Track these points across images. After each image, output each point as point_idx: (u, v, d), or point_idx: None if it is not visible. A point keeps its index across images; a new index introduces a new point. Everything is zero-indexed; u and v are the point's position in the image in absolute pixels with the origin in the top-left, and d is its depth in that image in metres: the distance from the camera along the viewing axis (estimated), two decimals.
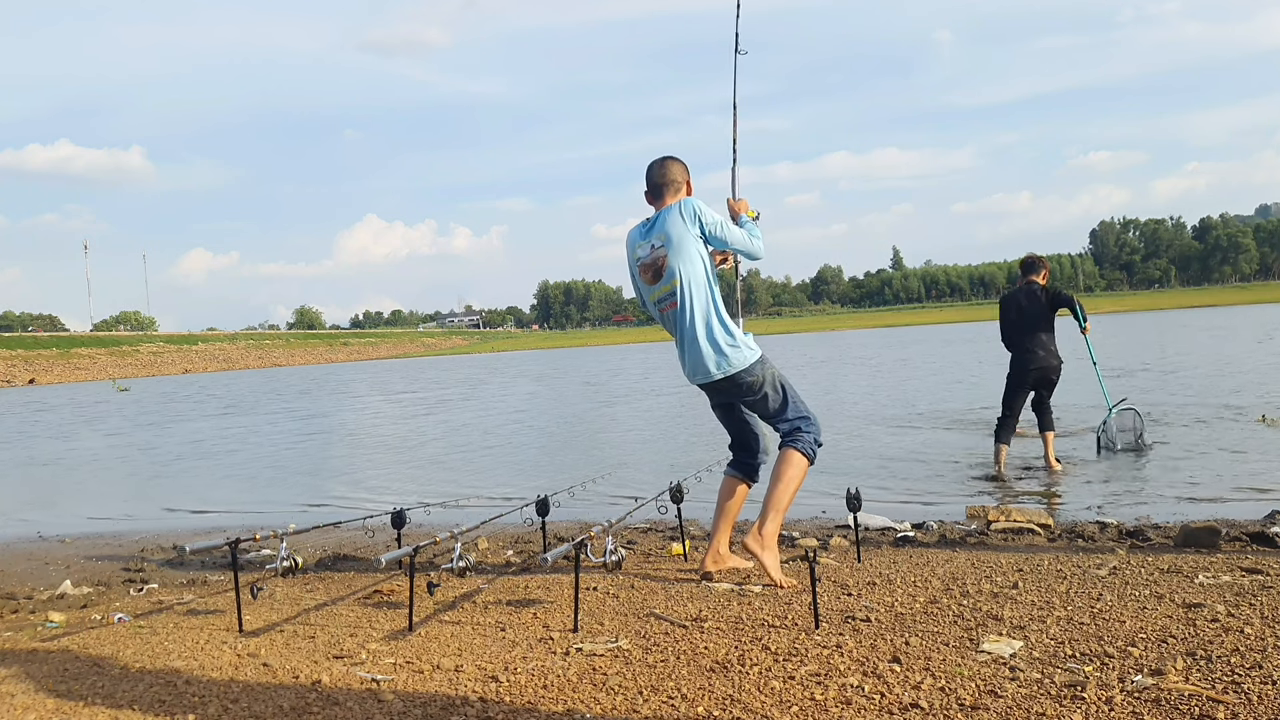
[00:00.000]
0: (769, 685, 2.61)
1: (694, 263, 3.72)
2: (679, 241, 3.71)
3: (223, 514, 7.59)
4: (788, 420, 3.78)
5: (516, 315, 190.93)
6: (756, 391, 3.76)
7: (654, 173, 3.88)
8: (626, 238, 3.98)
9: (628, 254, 3.95)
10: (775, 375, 3.80)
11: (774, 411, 3.79)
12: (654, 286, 3.82)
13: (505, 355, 70.38)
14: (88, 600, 4.48)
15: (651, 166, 3.90)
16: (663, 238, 3.75)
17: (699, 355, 3.74)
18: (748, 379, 3.73)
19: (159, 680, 2.96)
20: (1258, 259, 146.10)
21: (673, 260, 3.72)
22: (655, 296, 3.84)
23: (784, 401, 3.79)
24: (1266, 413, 9.25)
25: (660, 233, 3.76)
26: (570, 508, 5.90)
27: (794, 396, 3.82)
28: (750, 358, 3.73)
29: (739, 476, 3.97)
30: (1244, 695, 2.34)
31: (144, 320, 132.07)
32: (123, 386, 43.72)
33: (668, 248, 3.73)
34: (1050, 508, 5.85)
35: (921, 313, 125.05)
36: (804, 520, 5.70)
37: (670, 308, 3.79)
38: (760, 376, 3.74)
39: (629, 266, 3.97)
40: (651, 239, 3.80)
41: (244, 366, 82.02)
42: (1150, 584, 3.48)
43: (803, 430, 3.78)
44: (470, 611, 3.65)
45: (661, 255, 3.75)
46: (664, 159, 3.90)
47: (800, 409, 3.81)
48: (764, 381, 3.75)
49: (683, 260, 3.72)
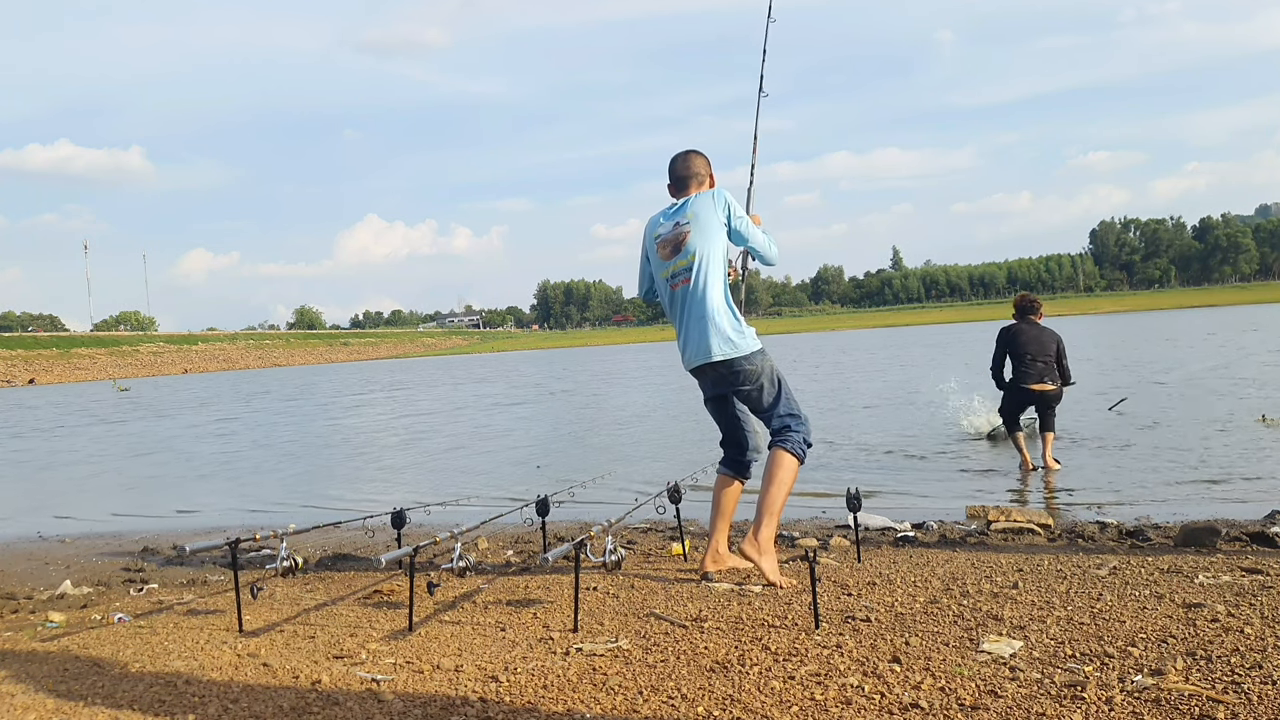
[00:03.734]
0: (769, 685, 2.60)
1: (715, 244, 3.79)
2: (705, 222, 3.79)
3: (223, 514, 7.59)
4: (779, 416, 3.80)
5: (516, 315, 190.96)
6: (754, 381, 3.78)
7: (677, 165, 3.96)
8: (647, 222, 4.04)
9: (645, 236, 4.01)
10: (773, 369, 3.83)
11: (767, 405, 3.82)
12: (669, 262, 3.86)
13: (505, 355, 70.37)
14: (88, 600, 4.48)
15: (675, 159, 3.98)
16: (690, 216, 3.82)
17: (703, 335, 3.77)
18: (747, 367, 3.76)
19: (159, 680, 2.96)
20: (1258, 259, 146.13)
21: (695, 237, 3.78)
22: (669, 272, 3.87)
23: (778, 396, 3.81)
24: (1266, 412, 9.25)
25: (689, 212, 3.83)
26: (570, 508, 5.90)
27: (788, 393, 3.85)
28: (753, 346, 3.78)
29: (731, 474, 3.99)
30: (1244, 695, 2.34)
31: (144, 320, 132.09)
32: (123, 386, 43.73)
33: (693, 225, 3.80)
34: (1050, 508, 5.85)
35: (921, 313, 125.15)
36: (804, 520, 5.70)
37: (683, 283, 3.82)
38: (759, 367, 3.78)
39: (644, 247, 4.01)
40: (678, 218, 3.86)
41: (244, 366, 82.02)
42: (1150, 584, 3.48)
43: (792, 429, 3.79)
44: (470, 611, 3.65)
45: (685, 231, 3.81)
46: (687, 152, 3.99)
47: (792, 407, 3.83)
48: (762, 373, 3.78)
49: (705, 239, 3.78)
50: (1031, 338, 7.28)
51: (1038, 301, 7.56)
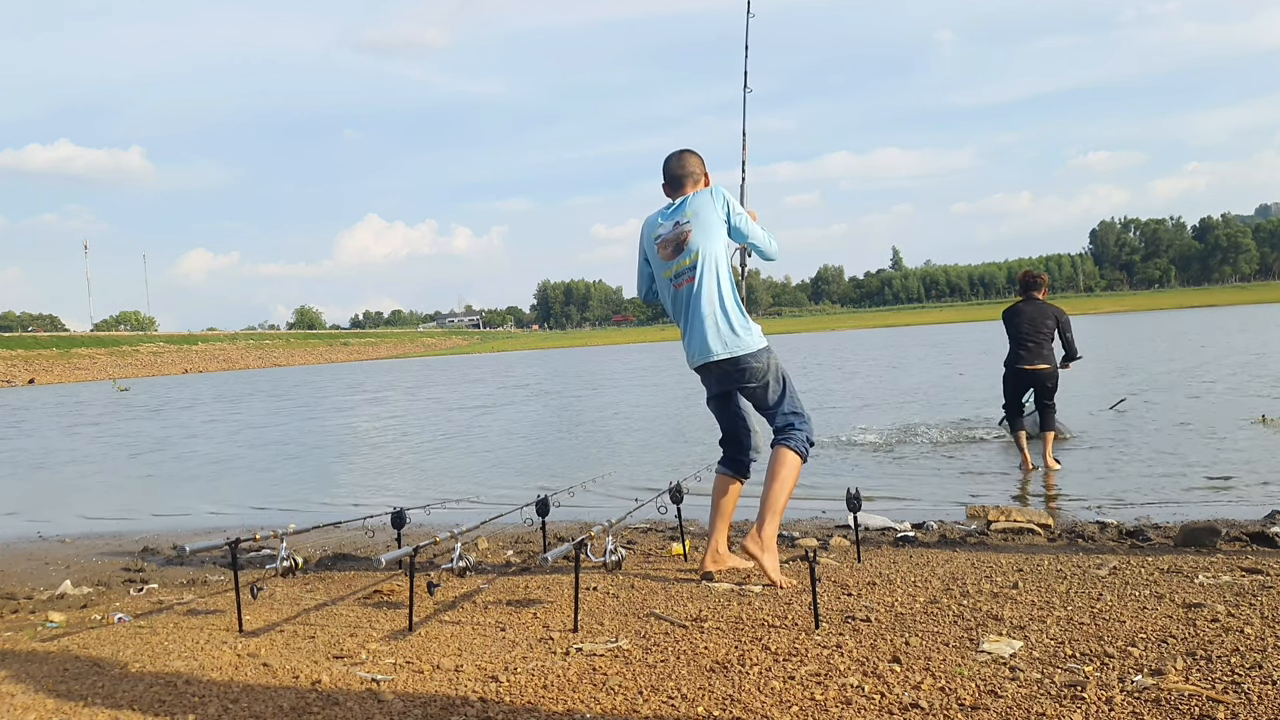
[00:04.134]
0: (769, 685, 2.60)
1: (716, 242, 3.79)
2: (706, 221, 3.79)
3: (223, 514, 7.59)
4: (784, 414, 3.81)
5: (516, 315, 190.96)
6: (760, 378, 3.79)
7: (672, 165, 3.95)
8: (643, 223, 4.02)
9: (643, 236, 4.00)
10: (779, 366, 3.84)
11: (772, 403, 3.82)
12: (671, 262, 3.85)
13: (505, 355, 70.37)
14: (88, 600, 4.48)
15: (669, 159, 3.97)
16: (690, 215, 3.81)
17: (709, 333, 3.76)
18: (753, 364, 3.77)
19: (159, 680, 2.96)
20: (1258, 259, 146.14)
21: (696, 236, 3.78)
22: (671, 272, 3.86)
23: (783, 394, 3.82)
24: (1266, 412, 9.25)
25: (688, 210, 3.82)
26: (570, 508, 5.89)
27: (792, 391, 3.86)
28: (759, 343, 3.78)
29: (730, 474, 3.99)
30: (1244, 695, 2.34)
31: (144, 320, 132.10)
32: (123, 386, 43.73)
33: (694, 224, 3.79)
34: (1050, 508, 5.85)
35: (921, 313, 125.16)
36: (804, 520, 5.70)
37: (686, 283, 3.81)
38: (765, 364, 3.78)
39: (643, 249, 4.00)
40: (677, 217, 3.85)
41: (244, 366, 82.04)
42: (1150, 584, 3.48)
43: (796, 427, 3.80)
44: (470, 611, 3.65)
45: (686, 231, 3.80)
46: (681, 152, 3.97)
47: (796, 405, 3.84)
48: (768, 370, 3.79)
49: (706, 238, 3.78)
50: (1027, 317, 7.19)
51: (1040, 277, 7.41)
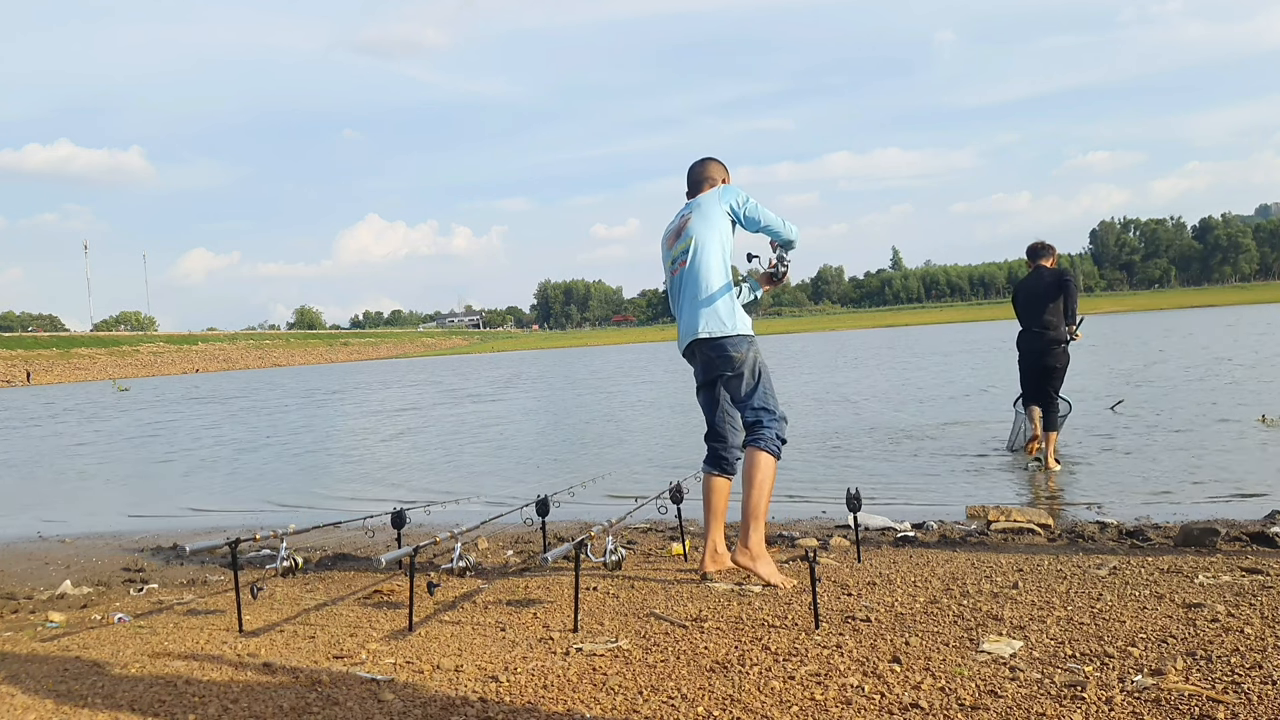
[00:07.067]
0: (769, 685, 2.60)
1: (712, 229, 3.90)
2: (707, 210, 3.94)
3: (223, 514, 7.59)
4: (753, 409, 3.86)
5: (516, 315, 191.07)
6: (736, 367, 3.85)
7: (693, 170, 4.16)
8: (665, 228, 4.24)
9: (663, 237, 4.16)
10: (757, 360, 3.89)
11: (744, 395, 3.87)
12: (671, 249, 4.03)
13: (505, 355, 70.37)
14: (88, 600, 4.48)
15: (692, 166, 4.19)
16: (694, 207, 4.00)
17: (694, 314, 3.87)
18: (732, 351, 3.82)
19: (159, 680, 2.96)
20: (1258, 259, 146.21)
21: (694, 223, 3.93)
22: (671, 258, 4.03)
23: (755, 388, 3.86)
24: (1266, 412, 9.25)
25: (694, 204, 4.01)
26: (570, 508, 5.90)
27: (767, 387, 3.89)
28: (742, 330, 3.85)
29: (716, 472, 4.01)
30: (1244, 695, 2.34)
31: (144, 320, 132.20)
32: (123, 386, 43.75)
33: (694, 213, 3.96)
34: (1050, 508, 5.84)
35: (921, 313, 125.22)
36: (804, 520, 5.70)
37: (681, 267, 3.95)
38: (744, 354, 3.84)
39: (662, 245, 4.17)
40: (684, 212, 4.06)
41: (244, 366, 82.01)
42: (1150, 584, 3.48)
43: (764, 424, 3.83)
44: (470, 611, 3.65)
45: (687, 218, 3.98)
46: (704, 159, 4.16)
47: (767, 401, 3.87)
48: (745, 360, 3.84)
49: (704, 224, 3.91)
50: (1025, 292, 7.11)
51: (1046, 247, 7.19)
